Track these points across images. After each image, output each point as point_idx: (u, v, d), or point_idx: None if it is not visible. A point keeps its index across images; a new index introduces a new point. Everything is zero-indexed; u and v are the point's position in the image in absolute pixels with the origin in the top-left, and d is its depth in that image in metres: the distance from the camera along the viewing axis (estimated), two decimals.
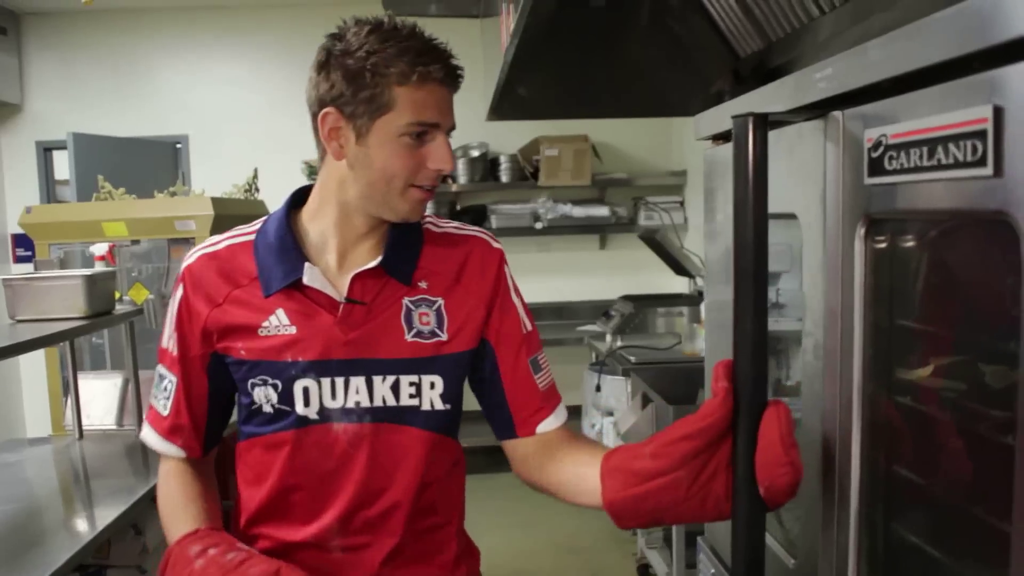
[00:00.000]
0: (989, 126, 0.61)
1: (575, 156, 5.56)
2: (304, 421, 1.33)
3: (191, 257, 1.36)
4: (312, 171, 5.60)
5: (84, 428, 3.20)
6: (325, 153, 1.31)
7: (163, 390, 1.37)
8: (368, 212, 1.32)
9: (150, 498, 2.58)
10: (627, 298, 4.90)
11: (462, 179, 5.62)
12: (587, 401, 4.48)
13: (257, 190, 4.03)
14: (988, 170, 0.61)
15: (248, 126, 5.86)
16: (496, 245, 1.44)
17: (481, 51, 4.01)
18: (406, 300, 1.35)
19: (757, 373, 0.99)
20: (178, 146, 5.99)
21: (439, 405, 1.36)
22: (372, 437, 1.34)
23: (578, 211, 5.69)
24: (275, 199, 4.20)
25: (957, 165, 0.64)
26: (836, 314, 0.93)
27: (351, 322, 1.32)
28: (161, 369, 1.38)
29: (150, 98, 5.87)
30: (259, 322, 1.31)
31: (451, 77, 1.28)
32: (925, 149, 0.66)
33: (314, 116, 1.29)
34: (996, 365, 0.75)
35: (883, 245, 0.83)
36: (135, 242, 3.20)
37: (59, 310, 2.61)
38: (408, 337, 1.34)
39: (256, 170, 4.13)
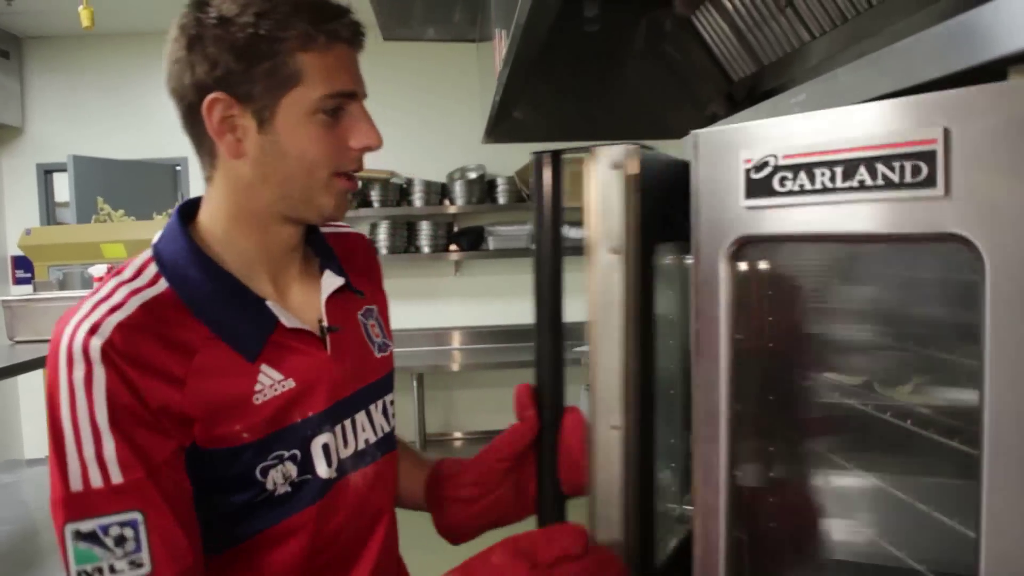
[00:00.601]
0: (939, 147, 0.62)
1: (571, 178, 5.58)
2: (327, 486, 1.07)
3: (97, 333, 0.91)
4: None
5: None
6: (214, 154, 1.02)
7: (118, 546, 0.88)
8: (286, 217, 1.05)
9: None
10: None
11: (459, 201, 5.66)
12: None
13: None
14: (939, 191, 0.63)
15: None
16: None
17: (478, 75, 4.06)
18: (359, 315, 1.20)
19: (555, 390, 1.07)
20: (177, 168, 6.03)
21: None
22: (383, 473, 1.18)
23: (575, 232, 5.69)
24: None
25: (894, 186, 0.65)
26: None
27: (340, 353, 1.11)
28: (94, 523, 0.88)
29: (150, 121, 5.91)
30: (250, 389, 1.00)
31: (357, 35, 1.05)
32: (840, 170, 0.67)
33: (189, 108, 1.01)
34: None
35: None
36: None
37: None
38: (376, 354, 1.20)
39: None
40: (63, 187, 5.74)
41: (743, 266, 0.77)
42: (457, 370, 5.54)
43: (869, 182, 0.66)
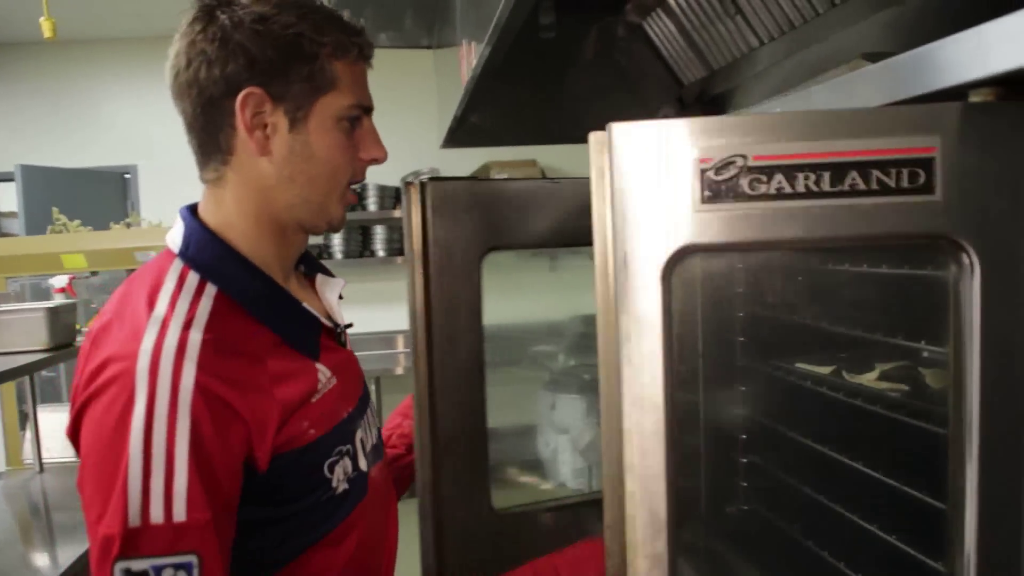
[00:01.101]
0: (938, 155, 0.66)
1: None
2: (367, 480, 1.08)
3: (186, 355, 0.88)
4: None
5: (43, 461, 3.17)
6: (230, 151, 1.01)
7: None
8: (300, 222, 1.05)
9: None
10: (579, 318, 4.99)
11: None
12: (542, 420, 4.55)
13: None
14: (936, 196, 0.67)
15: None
16: None
17: (435, 81, 4.11)
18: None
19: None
20: (127, 176, 5.96)
21: None
22: (386, 473, 1.19)
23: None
24: None
25: (890, 191, 0.67)
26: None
27: (349, 351, 1.16)
28: (148, 563, 0.83)
29: (97, 129, 5.83)
30: (313, 387, 1.00)
31: (373, 54, 1.08)
32: (827, 174, 0.66)
33: (209, 101, 0.99)
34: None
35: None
36: (94, 273, 3.21)
37: (21, 343, 2.61)
38: (355, 356, 1.21)
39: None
40: (10, 197, 5.63)
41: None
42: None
43: (862, 186, 0.66)
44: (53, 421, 3.31)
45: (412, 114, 5.82)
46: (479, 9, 1.95)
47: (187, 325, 0.91)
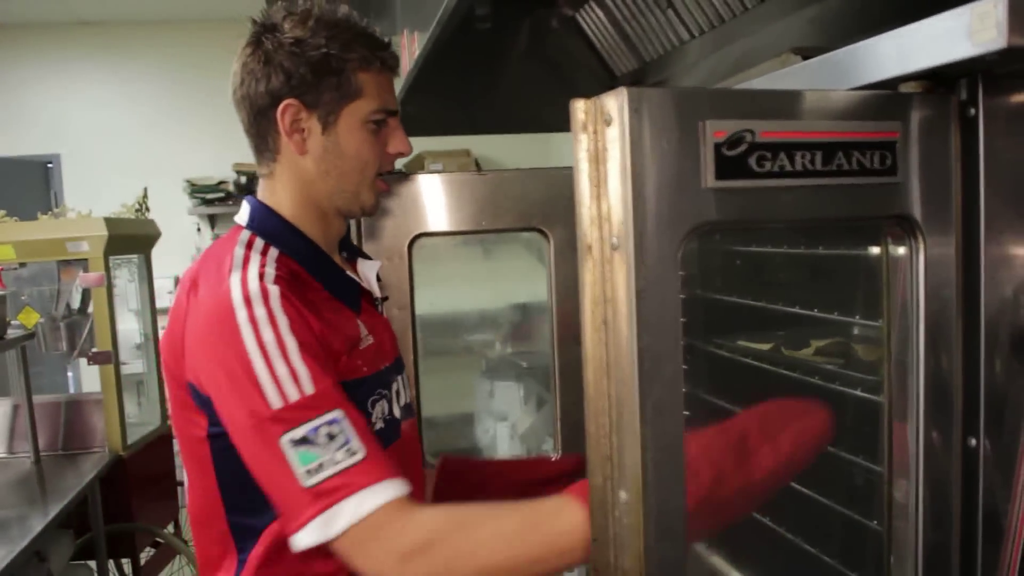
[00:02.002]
0: (899, 139, 0.71)
1: (459, 170, 5.70)
2: (399, 427, 1.24)
3: (265, 279, 1.07)
4: (196, 189, 5.54)
5: None
6: (278, 151, 1.20)
7: (331, 442, 1.00)
8: (338, 208, 1.24)
9: (56, 525, 2.54)
10: (514, 306, 5.06)
11: None
12: (480, 408, 4.61)
13: (147, 210, 3.98)
14: (898, 178, 0.72)
15: (125, 145, 5.72)
16: None
17: None
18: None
19: None
20: (49, 166, 5.79)
21: None
22: (415, 431, 1.36)
23: None
24: (159, 219, 4.09)
25: (866, 172, 0.71)
26: None
27: (388, 320, 1.34)
28: (304, 428, 0.99)
29: (18, 117, 5.65)
30: (358, 335, 1.19)
31: (397, 65, 1.27)
32: (820, 154, 0.68)
33: (259, 112, 1.18)
34: None
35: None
36: (22, 265, 3.13)
37: None
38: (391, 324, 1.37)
39: (146, 189, 4.08)
40: None
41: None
42: None
43: (846, 167, 0.69)
44: None
45: None
46: None
47: (262, 265, 1.11)
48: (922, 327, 0.75)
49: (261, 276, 1.08)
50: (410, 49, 2.35)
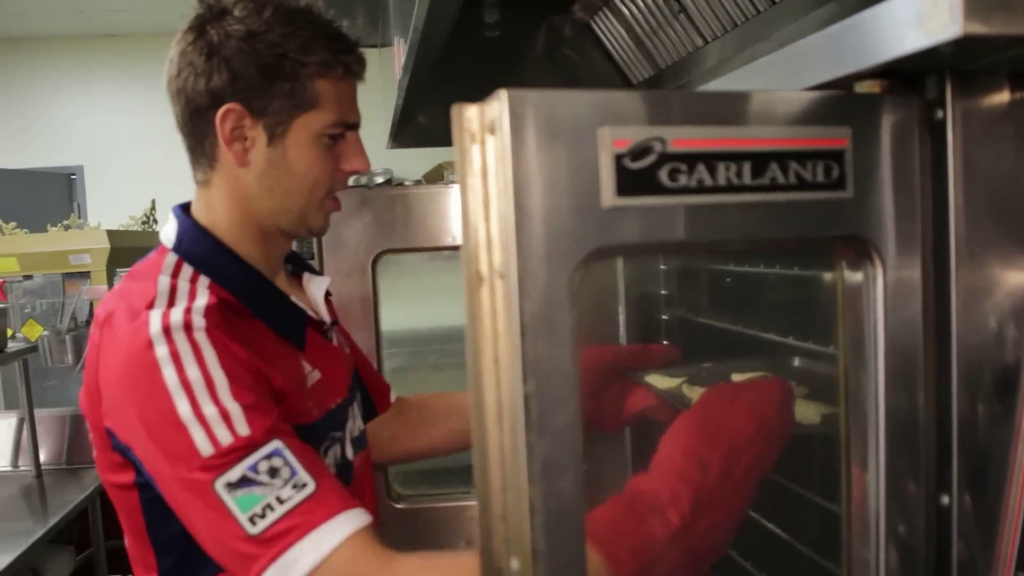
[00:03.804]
0: (848, 147, 0.61)
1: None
2: (352, 468, 1.13)
3: (192, 311, 0.94)
4: None
5: None
6: (215, 159, 1.06)
7: (274, 478, 0.87)
8: (281, 229, 1.09)
9: (48, 540, 2.51)
10: None
11: None
12: None
13: (155, 222, 3.97)
14: (848, 192, 0.61)
15: (144, 156, 5.76)
16: None
17: (380, 80, 4.06)
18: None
19: None
20: (72, 177, 5.84)
21: None
22: (368, 460, 1.22)
23: None
24: None
25: (807, 186, 0.60)
26: None
27: (339, 344, 1.22)
28: (241, 468, 0.87)
29: (42, 129, 5.71)
30: (304, 373, 1.07)
31: (364, 69, 1.11)
32: (748, 164, 0.57)
33: (196, 111, 1.03)
34: None
35: None
36: (27, 277, 3.12)
37: None
38: (345, 350, 1.25)
39: (153, 201, 4.08)
40: None
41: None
42: None
43: (781, 180, 0.59)
44: None
45: (365, 114, 5.76)
46: (402, 5, 1.92)
47: (191, 298, 0.97)
48: (881, 362, 0.65)
49: (188, 309, 0.94)
50: (399, 57, 2.29)
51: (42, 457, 3.05)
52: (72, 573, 2.87)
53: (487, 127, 0.55)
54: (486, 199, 0.55)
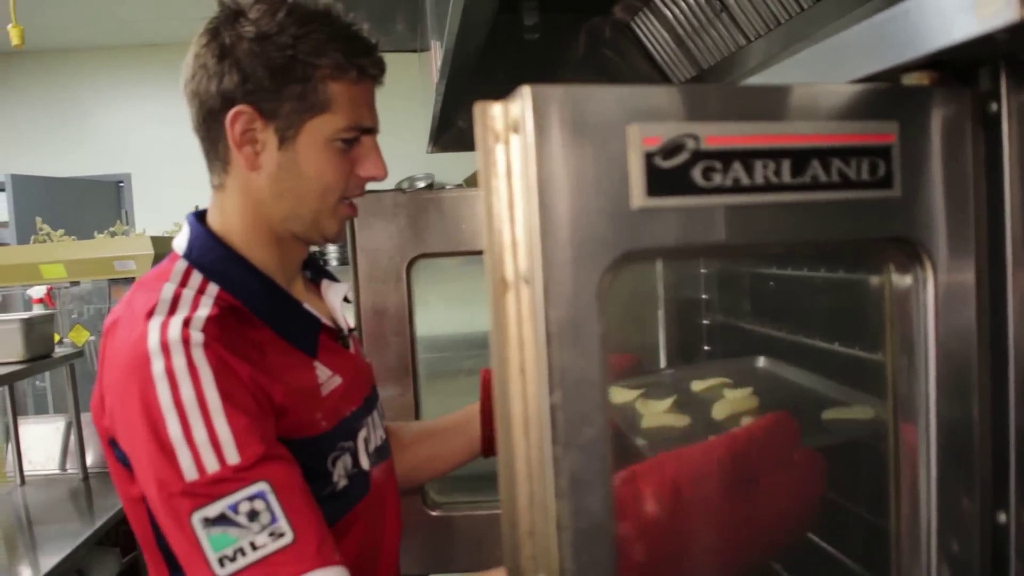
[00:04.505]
0: (895, 143, 0.58)
1: None
2: (369, 479, 1.10)
3: (191, 325, 0.92)
4: None
5: (26, 473, 3.14)
6: (228, 162, 1.04)
7: (253, 521, 0.84)
8: (293, 234, 1.07)
9: (94, 541, 2.55)
10: None
11: None
12: None
13: None
14: (895, 191, 0.58)
15: (189, 164, 5.80)
16: None
17: (420, 84, 4.06)
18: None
19: None
20: (120, 185, 5.93)
21: None
22: (391, 470, 1.19)
23: None
24: None
25: (847, 185, 0.56)
26: None
27: (356, 355, 1.18)
28: (222, 504, 0.84)
29: (90, 137, 5.82)
30: (317, 381, 1.04)
31: (382, 73, 1.08)
32: (788, 162, 0.54)
33: (209, 113, 1.02)
34: None
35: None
36: (74, 283, 3.17)
37: None
38: (364, 359, 1.23)
39: (197, 207, 4.12)
40: (2, 207, 5.62)
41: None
42: None
43: (823, 179, 0.56)
44: (38, 433, 3.28)
45: (406, 118, 5.78)
46: (438, 7, 1.91)
47: (193, 308, 0.95)
48: (932, 370, 0.61)
49: (187, 321, 0.92)
50: (435, 60, 2.28)
51: (89, 460, 3.10)
52: (118, 575, 2.90)
53: (511, 126, 0.52)
54: (510, 201, 0.53)
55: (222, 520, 0.83)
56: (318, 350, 1.06)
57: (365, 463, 1.09)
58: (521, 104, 0.50)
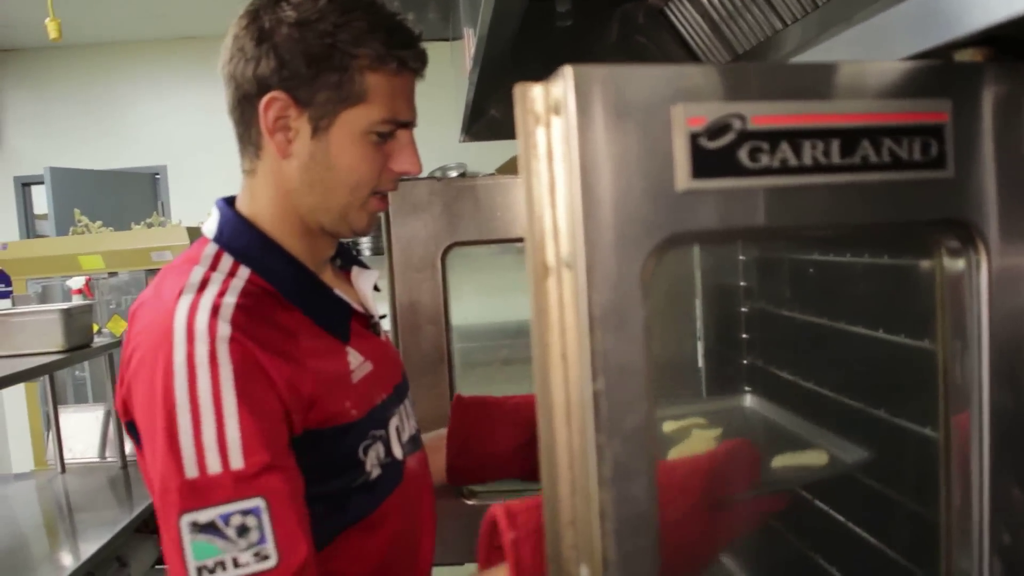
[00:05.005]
0: (948, 122, 0.56)
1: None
2: (402, 468, 1.08)
3: (219, 314, 0.89)
4: None
5: (67, 462, 3.19)
6: (260, 147, 1.02)
7: (241, 537, 0.82)
8: (321, 226, 1.04)
9: (133, 528, 2.58)
10: None
11: None
12: None
13: None
14: (948, 172, 0.56)
15: (225, 155, 5.86)
16: None
17: (452, 73, 4.06)
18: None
19: None
20: (156, 177, 6.00)
21: None
22: (425, 460, 1.17)
23: None
24: None
25: (899, 165, 0.55)
26: None
27: (387, 340, 1.16)
28: (214, 512, 0.82)
29: (127, 130, 5.88)
30: (348, 368, 1.02)
31: (423, 66, 1.05)
32: (837, 142, 0.52)
33: (244, 97, 1.00)
34: None
35: None
36: (112, 274, 3.21)
37: (36, 345, 2.61)
38: (394, 347, 1.22)
39: None
40: (41, 199, 5.71)
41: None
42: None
43: (874, 159, 0.54)
44: (78, 422, 3.33)
45: (438, 107, 5.76)
46: None
47: (221, 293, 0.93)
48: (985, 357, 0.59)
49: (216, 309, 0.89)
50: (468, 49, 2.27)
51: (127, 448, 3.14)
52: (156, 561, 2.94)
53: (552, 107, 0.51)
54: (551, 184, 0.52)
55: (210, 529, 0.81)
56: (350, 335, 1.05)
57: (398, 452, 1.07)
58: (563, 85, 0.49)
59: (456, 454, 1.28)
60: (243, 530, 0.81)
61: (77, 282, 3.08)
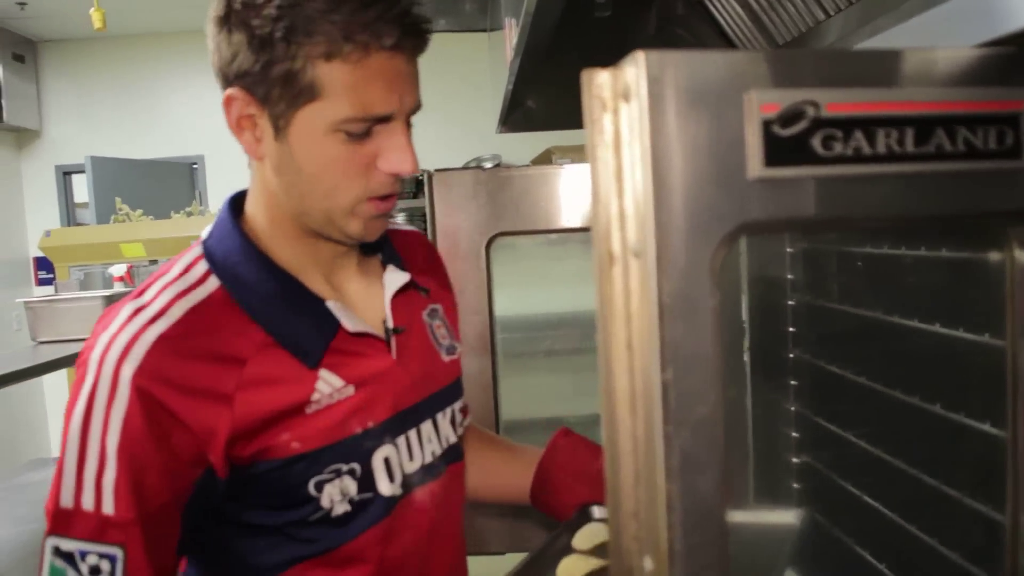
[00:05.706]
0: None
1: None
2: (391, 505, 0.97)
3: (129, 356, 0.83)
4: None
5: None
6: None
7: (89, 572, 0.83)
8: (313, 231, 0.94)
9: None
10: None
11: None
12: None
13: None
14: (1023, 162, 0.53)
15: None
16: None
17: (489, 64, 4.05)
18: (424, 315, 1.08)
19: None
20: (194, 166, 6.06)
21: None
22: (449, 488, 1.06)
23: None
24: None
25: (973, 155, 0.52)
26: None
27: (406, 358, 1.00)
28: (75, 545, 0.83)
29: (166, 120, 5.95)
30: (305, 397, 0.90)
31: (412, 36, 0.87)
32: (911, 131, 0.50)
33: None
34: None
35: None
36: (153, 262, 3.25)
37: (79, 331, 2.65)
38: (443, 357, 1.09)
39: None
40: (82, 188, 5.79)
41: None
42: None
43: (948, 148, 0.52)
44: None
45: (473, 99, 5.78)
46: None
47: (155, 318, 0.87)
48: None
49: (129, 347, 0.83)
50: (510, 39, 2.26)
51: None
52: None
53: (621, 93, 0.50)
54: (619, 172, 0.51)
55: (68, 558, 0.83)
56: (324, 357, 0.92)
57: (385, 487, 0.96)
58: (635, 70, 0.49)
59: (539, 489, 1.20)
60: (96, 571, 0.83)
61: (119, 269, 3.11)
